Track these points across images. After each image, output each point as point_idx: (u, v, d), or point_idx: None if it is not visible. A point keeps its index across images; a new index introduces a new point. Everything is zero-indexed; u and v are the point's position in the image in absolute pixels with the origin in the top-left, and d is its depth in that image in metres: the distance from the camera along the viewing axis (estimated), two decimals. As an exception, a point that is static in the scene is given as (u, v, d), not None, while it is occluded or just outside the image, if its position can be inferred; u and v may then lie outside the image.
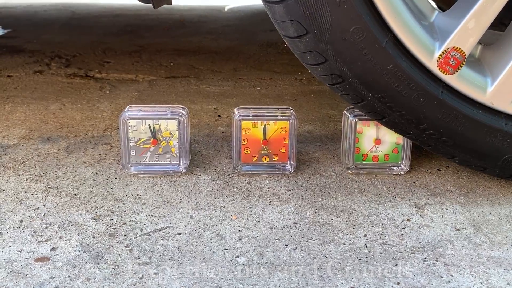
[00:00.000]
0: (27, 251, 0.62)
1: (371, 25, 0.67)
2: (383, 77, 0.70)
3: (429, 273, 0.59)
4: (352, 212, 0.72)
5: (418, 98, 0.72)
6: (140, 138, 0.81)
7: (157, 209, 0.73)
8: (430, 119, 0.73)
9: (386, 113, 0.74)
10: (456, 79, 0.72)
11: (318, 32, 0.68)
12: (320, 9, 0.66)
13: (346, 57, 0.69)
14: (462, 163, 0.79)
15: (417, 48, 0.70)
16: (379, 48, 0.68)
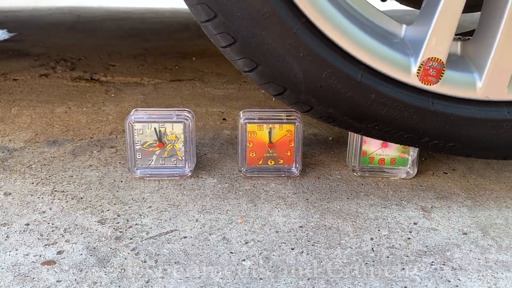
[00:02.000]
0: (34, 254, 0.63)
1: (342, 66, 0.68)
2: (370, 108, 0.70)
3: (437, 277, 0.59)
4: (358, 216, 0.72)
5: (410, 116, 0.71)
6: (146, 141, 0.81)
7: (163, 212, 0.73)
8: (430, 131, 0.72)
9: (386, 137, 0.74)
10: (442, 86, 0.71)
11: (295, 87, 0.70)
12: (290, 66, 0.67)
13: (328, 101, 0.70)
14: (479, 157, 0.78)
15: (394, 70, 0.69)
16: (355, 83, 0.69)
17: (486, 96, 0.72)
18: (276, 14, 0.65)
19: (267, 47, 0.67)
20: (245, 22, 0.66)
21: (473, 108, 0.72)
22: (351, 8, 0.69)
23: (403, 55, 0.69)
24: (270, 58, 0.68)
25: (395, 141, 0.75)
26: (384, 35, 0.70)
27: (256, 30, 0.66)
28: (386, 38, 0.70)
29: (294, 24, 0.66)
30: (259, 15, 0.65)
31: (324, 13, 0.67)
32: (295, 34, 0.66)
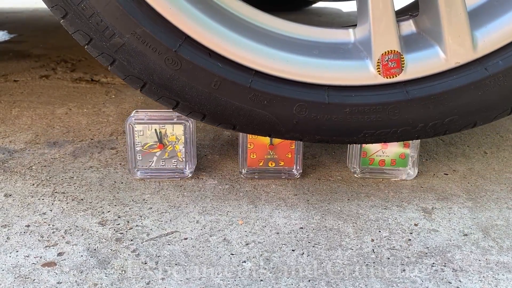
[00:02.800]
0: (34, 256, 0.63)
1: (308, 97, 0.70)
2: (351, 121, 0.71)
3: (437, 278, 0.59)
4: (359, 217, 0.72)
5: (393, 112, 0.70)
6: (147, 142, 0.81)
7: (163, 213, 0.73)
8: (418, 119, 0.71)
9: (382, 139, 0.74)
10: (408, 71, 0.69)
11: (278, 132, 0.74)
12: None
13: (309, 130, 0.72)
14: (472, 124, 0.75)
15: (356, 79, 0.69)
16: (325, 106, 0.70)
17: (456, 63, 0.69)
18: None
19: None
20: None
21: (450, 79, 0.70)
22: (299, 42, 0.71)
23: (359, 60, 0.69)
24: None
25: (393, 140, 0.75)
26: (334, 49, 0.70)
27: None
28: (336, 52, 0.70)
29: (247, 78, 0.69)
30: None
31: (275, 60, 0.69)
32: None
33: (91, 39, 0.68)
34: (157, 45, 0.67)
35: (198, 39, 0.67)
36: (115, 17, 0.66)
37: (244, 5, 0.71)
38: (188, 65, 0.67)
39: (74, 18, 0.67)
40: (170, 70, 0.68)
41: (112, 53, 0.69)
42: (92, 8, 0.66)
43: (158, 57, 0.67)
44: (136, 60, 0.68)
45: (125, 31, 0.66)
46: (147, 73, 0.69)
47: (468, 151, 0.95)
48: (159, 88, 0.70)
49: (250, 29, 0.70)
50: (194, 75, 0.68)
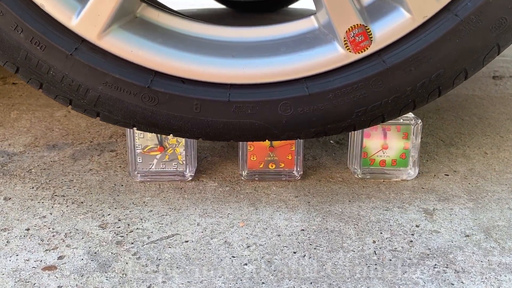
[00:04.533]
0: (35, 259, 0.62)
1: (291, 93, 0.70)
2: (339, 105, 0.70)
3: (440, 280, 0.59)
4: (360, 219, 0.72)
5: (376, 84, 0.69)
6: (147, 145, 0.80)
7: (164, 216, 0.72)
8: (404, 84, 0.69)
9: (379, 114, 0.72)
10: (379, 41, 0.67)
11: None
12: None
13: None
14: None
15: (331, 62, 0.69)
16: (307, 97, 0.69)
17: (424, 17, 0.67)
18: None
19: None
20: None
21: (423, 36, 0.68)
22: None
23: (328, 44, 0.68)
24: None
25: (392, 113, 0.72)
26: (301, 41, 0.70)
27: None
28: (304, 42, 0.69)
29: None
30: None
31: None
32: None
33: (70, 100, 0.72)
34: (130, 87, 0.69)
35: (167, 71, 0.69)
36: (83, 74, 0.69)
37: (200, 24, 0.72)
38: (165, 97, 0.69)
39: (49, 86, 0.71)
40: (150, 107, 0.70)
41: (93, 108, 0.72)
42: (60, 72, 0.69)
43: (134, 98, 0.70)
44: (116, 106, 0.70)
45: (96, 83, 0.69)
46: (130, 116, 0.72)
47: (468, 152, 0.95)
48: (148, 127, 0.73)
49: (213, 46, 0.71)
50: (173, 105, 0.70)
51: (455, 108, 1.21)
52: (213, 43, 0.71)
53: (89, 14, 0.67)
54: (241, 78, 0.69)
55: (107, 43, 0.68)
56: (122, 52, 0.68)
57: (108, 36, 0.68)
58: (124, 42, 0.68)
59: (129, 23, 0.69)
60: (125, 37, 0.68)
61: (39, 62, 0.69)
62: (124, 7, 0.68)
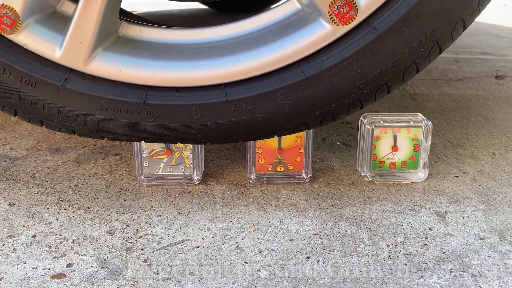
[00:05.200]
0: (43, 267, 0.61)
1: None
2: (337, 84, 0.68)
3: (457, 285, 0.58)
4: (372, 222, 0.71)
5: (372, 53, 0.67)
6: (154, 149, 0.79)
7: (173, 221, 0.71)
8: (400, 47, 0.66)
9: (382, 84, 0.69)
10: (364, 8, 0.65)
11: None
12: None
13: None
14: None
15: (325, 40, 0.67)
16: (304, 81, 0.68)
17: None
18: None
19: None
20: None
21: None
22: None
23: (314, 22, 0.67)
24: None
25: (394, 80, 0.69)
26: (287, 25, 0.68)
27: None
28: (290, 26, 0.68)
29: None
30: None
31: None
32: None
33: (73, 130, 0.73)
34: (126, 106, 0.69)
35: (159, 84, 0.69)
36: (78, 102, 0.69)
37: (182, 30, 0.71)
38: (162, 109, 0.69)
39: (49, 121, 0.72)
40: (150, 123, 0.70)
41: (96, 134, 0.73)
42: (55, 105, 0.70)
43: (133, 117, 0.69)
44: (118, 128, 0.71)
45: (92, 109, 0.70)
46: (134, 135, 0.72)
47: (476, 153, 0.94)
48: (154, 140, 0.73)
49: (199, 50, 0.70)
50: (173, 116, 0.70)
51: (460, 109, 1.20)
52: (198, 46, 0.70)
53: (71, 43, 0.67)
54: (233, 76, 0.68)
55: (94, 68, 0.68)
56: (111, 74, 0.68)
57: (94, 61, 0.68)
58: (111, 64, 0.68)
59: (113, 44, 0.69)
60: (111, 58, 0.68)
61: (33, 100, 0.70)
62: (105, 30, 0.68)
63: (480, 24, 2.60)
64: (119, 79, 0.69)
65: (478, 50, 1.88)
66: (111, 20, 0.69)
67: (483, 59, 1.72)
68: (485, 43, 2.03)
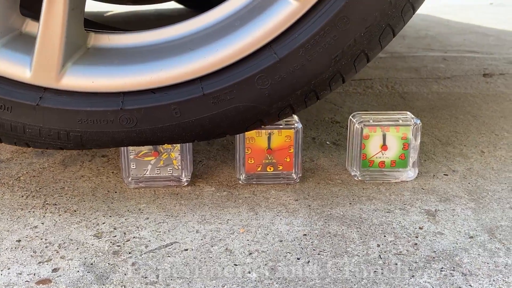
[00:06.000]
0: (27, 273, 0.59)
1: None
2: (314, 59, 0.66)
3: (448, 284, 0.58)
4: (362, 222, 0.71)
5: (342, 22, 0.65)
6: (141, 150, 0.78)
7: (161, 224, 0.70)
8: (370, 9, 0.65)
9: (361, 49, 0.68)
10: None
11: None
12: None
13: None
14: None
15: (292, 17, 0.66)
16: (279, 62, 0.67)
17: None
18: None
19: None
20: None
21: None
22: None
23: (279, 0, 0.65)
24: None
25: (373, 46, 0.68)
26: (254, 8, 0.67)
27: None
28: (256, 8, 0.66)
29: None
30: None
31: None
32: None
33: (60, 147, 0.72)
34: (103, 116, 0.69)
35: (134, 88, 0.68)
36: (57, 120, 0.69)
37: (150, 32, 0.71)
38: (140, 112, 0.68)
39: (34, 142, 0.72)
40: (132, 129, 0.69)
41: (82, 147, 0.72)
42: (35, 126, 0.70)
43: (114, 125, 0.69)
44: (102, 138, 0.70)
45: (72, 124, 0.69)
46: (120, 143, 0.72)
47: (465, 151, 0.95)
48: (140, 144, 0.73)
49: (169, 48, 0.69)
50: (153, 118, 0.69)
51: (449, 107, 1.20)
52: (168, 44, 0.70)
53: (39, 62, 0.67)
54: (207, 68, 0.67)
55: (67, 83, 0.68)
56: (85, 86, 0.68)
57: (66, 76, 0.67)
58: (83, 76, 0.68)
59: (83, 57, 0.69)
60: (82, 71, 0.68)
61: (12, 125, 0.70)
62: (72, 44, 0.67)
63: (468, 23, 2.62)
64: (93, 90, 0.68)
65: (466, 49, 1.89)
66: (76, 33, 0.68)
67: (471, 58, 1.73)
68: (472, 42, 2.04)
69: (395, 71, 1.54)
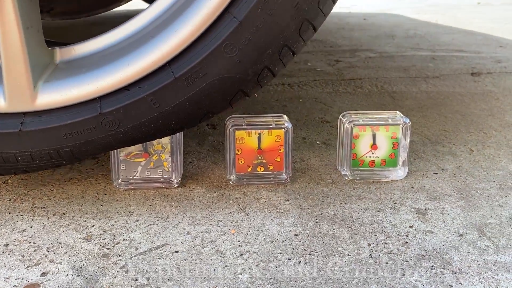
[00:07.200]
0: (16, 277, 0.59)
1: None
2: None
3: (438, 282, 0.58)
4: (353, 221, 0.71)
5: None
6: (131, 151, 0.77)
7: (151, 226, 0.69)
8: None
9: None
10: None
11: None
12: None
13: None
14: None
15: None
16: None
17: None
18: None
19: None
20: None
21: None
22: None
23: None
24: None
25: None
26: None
27: None
28: None
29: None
30: None
31: None
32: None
33: (56, 165, 0.73)
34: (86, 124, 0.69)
35: (107, 90, 0.68)
36: (42, 140, 0.69)
37: (111, 32, 0.71)
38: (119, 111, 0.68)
39: (30, 167, 0.72)
40: (115, 131, 0.69)
41: (76, 159, 0.72)
42: (25, 151, 0.70)
43: (98, 132, 0.69)
44: (91, 147, 0.70)
45: (58, 141, 0.69)
46: (109, 147, 0.72)
47: (454, 149, 0.95)
48: (129, 144, 0.73)
49: (132, 43, 0.69)
50: (133, 114, 0.69)
51: (438, 106, 1.21)
52: (130, 39, 0.69)
53: (10, 89, 0.67)
54: (172, 51, 0.66)
55: (42, 102, 0.68)
56: (60, 101, 0.68)
57: (40, 96, 0.68)
58: (56, 92, 0.68)
59: (52, 73, 0.69)
60: (54, 87, 0.68)
61: (3, 156, 0.70)
62: (38, 64, 0.68)
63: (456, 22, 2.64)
64: (69, 102, 0.68)
65: (454, 48, 1.91)
66: (40, 52, 0.68)
67: (459, 57, 1.74)
68: (460, 41, 2.06)
69: (384, 71, 1.55)
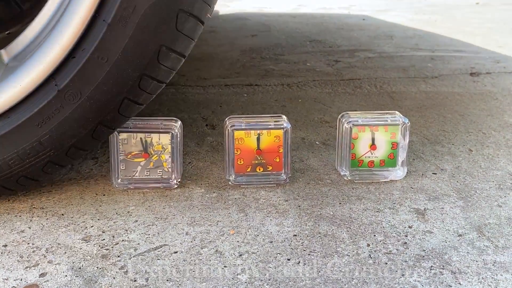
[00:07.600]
0: (14, 278, 0.58)
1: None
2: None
3: (437, 282, 0.58)
4: (352, 221, 0.71)
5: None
6: (131, 151, 0.77)
7: (150, 226, 0.69)
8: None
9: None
10: None
11: None
12: None
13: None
14: None
15: None
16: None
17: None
18: None
19: None
20: None
21: None
22: None
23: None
24: None
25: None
26: None
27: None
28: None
29: None
30: None
31: None
32: None
33: (49, 161, 0.72)
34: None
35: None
36: (21, 138, 0.69)
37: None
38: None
39: (17, 167, 0.71)
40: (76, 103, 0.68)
41: (58, 149, 0.71)
42: (10, 153, 0.70)
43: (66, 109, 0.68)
44: (67, 128, 0.70)
45: (36, 134, 0.69)
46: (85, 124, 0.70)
47: (453, 149, 0.95)
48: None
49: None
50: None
51: (437, 106, 1.21)
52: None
53: None
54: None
55: (5, 103, 0.68)
56: (16, 95, 0.68)
57: (1, 99, 0.68)
58: (12, 87, 0.68)
59: (5, 73, 0.68)
60: (9, 84, 0.67)
61: None
62: None
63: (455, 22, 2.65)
64: (27, 92, 0.67)
65: (453, 48, 1.91)
66: None
67: (458, 57, 1.74)
68: (459, 41, 2.06)
69: (383, 71, 1.55)
